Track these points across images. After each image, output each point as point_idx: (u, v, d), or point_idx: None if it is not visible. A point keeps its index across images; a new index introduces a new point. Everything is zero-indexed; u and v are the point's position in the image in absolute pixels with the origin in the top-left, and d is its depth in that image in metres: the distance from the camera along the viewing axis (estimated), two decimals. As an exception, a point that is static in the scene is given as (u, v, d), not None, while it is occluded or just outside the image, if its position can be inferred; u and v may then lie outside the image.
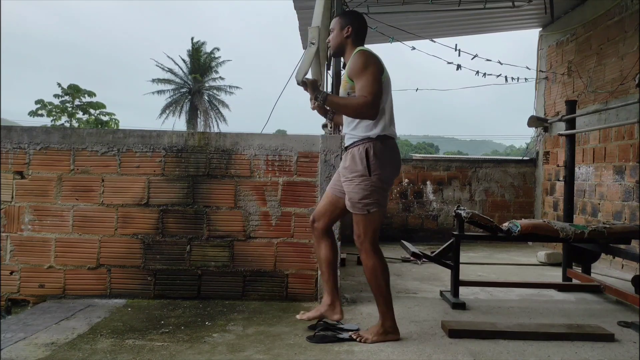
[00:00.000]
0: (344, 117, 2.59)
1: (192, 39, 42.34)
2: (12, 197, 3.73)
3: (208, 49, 42.18)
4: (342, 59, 4.45)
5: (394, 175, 2.63)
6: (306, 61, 2.32)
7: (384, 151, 2.45)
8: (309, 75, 2.44)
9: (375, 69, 2.28)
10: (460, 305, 3.66)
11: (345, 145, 2.63)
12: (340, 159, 3.96)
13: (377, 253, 2.68)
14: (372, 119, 2.31)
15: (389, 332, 2.78)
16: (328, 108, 2.57)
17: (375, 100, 2.23)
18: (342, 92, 2.57)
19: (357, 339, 2.76)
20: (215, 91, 42.15)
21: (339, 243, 3.71)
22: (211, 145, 3.78)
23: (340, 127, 2.62)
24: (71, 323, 3.15)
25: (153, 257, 3.73)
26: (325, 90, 2.89)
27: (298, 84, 2.31)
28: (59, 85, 28.57)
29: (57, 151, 3.75)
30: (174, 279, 3.74)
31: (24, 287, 3.71)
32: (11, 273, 3.71)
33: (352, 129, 2.49)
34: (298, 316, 3.04)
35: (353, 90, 2.40)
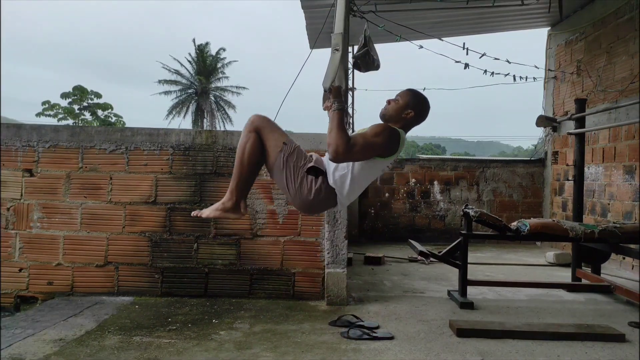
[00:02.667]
0: None
1: (193, 40, 42.51)
2: (21, 195, 3.75)
3: (213, 49, 42.30)
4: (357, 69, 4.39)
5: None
6: (332, 68, 2.29)
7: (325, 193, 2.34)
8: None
9: (384, 144, 2.17)
10: (468, 305, 3.63)
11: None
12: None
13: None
14: (331, 158, 2.18)
15: (228, 209, 2.40)
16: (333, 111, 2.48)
17: (352, 155, 2.13)
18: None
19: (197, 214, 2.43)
20: (221, 92, 42.34)
21: (345, 242, 3.70)
22: (218, 143, 3.79)
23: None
24: (79, 320, 3.16)
25: (160, 255, 3.74)
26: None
27: (325, 90, 2.27)
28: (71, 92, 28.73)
29: (65, 149, 3.77)
30: (181, 277, 3.74)
31: (32, 284, 3.73)
32: (20, 270, 3.74)
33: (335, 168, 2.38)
34: (192, 213, 2.49)
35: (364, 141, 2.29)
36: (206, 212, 2.35)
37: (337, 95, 2.25)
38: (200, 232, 3.76)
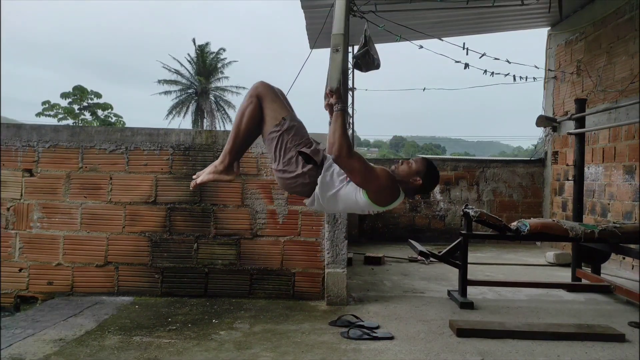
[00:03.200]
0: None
1: (193, 40, 42.43)
2: (21, 195, 3.75)
3: (213, 49, 42.25)
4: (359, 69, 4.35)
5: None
6: (335, 68, 2.30)
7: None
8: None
9: (380, 185, 2.14)
10: (468, 305, 3.63)
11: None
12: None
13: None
14: (334, 157, 2.16)
15: (221, 171, 2.39)
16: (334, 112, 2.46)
17: (351, 162, 2.08)
18: None
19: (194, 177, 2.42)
20: (221, 92, 42.32)
21: (345, 242, 3.70)
22: (218, 143, 3.79)
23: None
24: (79, 320, 3.16)
25: (160, 254, 3.74)
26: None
27: (331, 91, 2.27)
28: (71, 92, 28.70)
29: (65, 149, 3.77)
30: (181, 277, 3.74)
31: (32, 284, 3.73)
32: (20, 270, 3.74)
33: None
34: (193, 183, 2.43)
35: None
36: (200, 177, 2.34)
37: (340, 96, 2.26)
38: (200, 232, 3.76)
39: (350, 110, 7.05)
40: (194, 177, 2.37)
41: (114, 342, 2.77)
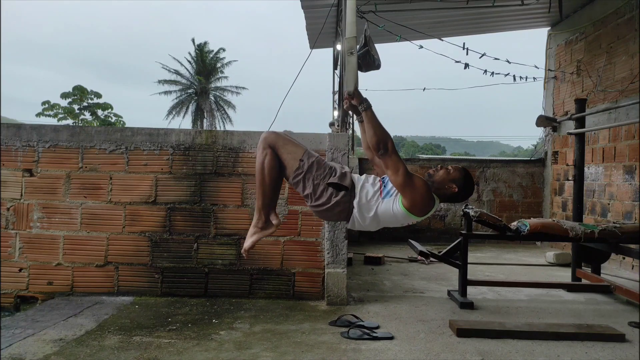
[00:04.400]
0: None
1: (193, 40, 42.41)
2: (21, 195, 3.75)
3: (212, 49, 42.21)
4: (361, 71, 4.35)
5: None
6: (352, 71, 2.32)
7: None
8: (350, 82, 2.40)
9: (418, 193, 2.15)
10: (468, 305, 3.63)
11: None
12: (348, 157, 3.95)
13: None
14: (382, 153, 2.15)
15: (263, 228, 2.41)
16: (360, 112, 2.42)
17: (393, 157, 2.10)
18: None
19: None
20: (221, 92, 42.31)
21: (345, 242, 3.70)
22: (218, 143, 3.79)
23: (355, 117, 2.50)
24: (79, 320, 3.16)
25: (160, 254, 3.74)
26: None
27: (349, 94, 2.28)
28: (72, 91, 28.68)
29: (65, 149, 3.77)
30: (181, 277, 3.74)
31: (32, 284, 3.73)
32: (20, 270, 3.74)
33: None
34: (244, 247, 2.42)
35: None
36: (247, 244, 2.36)
37: (360, 96, 2.27)
38: (200, 232, 3.76)
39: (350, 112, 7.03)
40: (244, 253, 2.37)
41: (114, 342, 2.76)
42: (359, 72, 5.80)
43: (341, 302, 3.62)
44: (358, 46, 5.56)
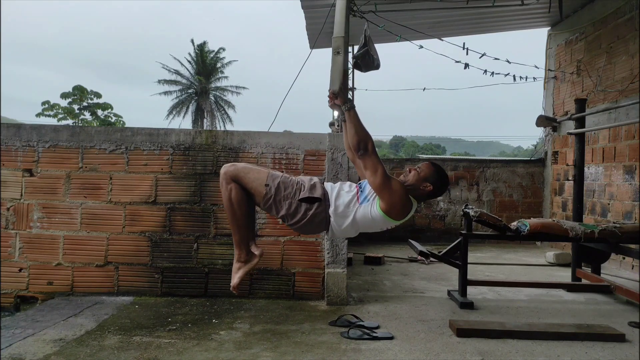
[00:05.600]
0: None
1: (192, 40, 42.43)
2: (21, 195, 3.75)
3: (212, 49, 42.23)
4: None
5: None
6: (337, 70, 2.32)
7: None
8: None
9: (396, 196, 2.14)
10: (468, 305, 3.63)
11: None
12: (348, 157, 3.95)
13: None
14: (361, 154, 2.15)
15: (246, 262, 2.43)
16: (344, 113, 2.43)
17: (372, 158, 2.10)
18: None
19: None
20: (221, 92, 42.31)
21: (345, 242, 3.70)
22: (218, 143, 3.79)
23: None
24: (79, 320, 3.16)
25: (160, 254, 3.74)
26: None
27: (334, 92, 2.28)
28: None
29: (65, 149, 3.77)
30: (181, 277, 3.74)
31: (32, 284, 3.73)
32: (20, 270, 3.73)
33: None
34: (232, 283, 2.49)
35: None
36: (235, 281, 2.38)
37: (343, 97, 2.27)
38: (200, 232, 3.76)
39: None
40: (233, 289, 2.40)
41: (114, 342, 2.76)
42: (359, 72, 5.81)
43: (341, 302, 3.62)
44: (358, 46, 5.56)
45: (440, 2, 5.43)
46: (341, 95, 2.26)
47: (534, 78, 7.14)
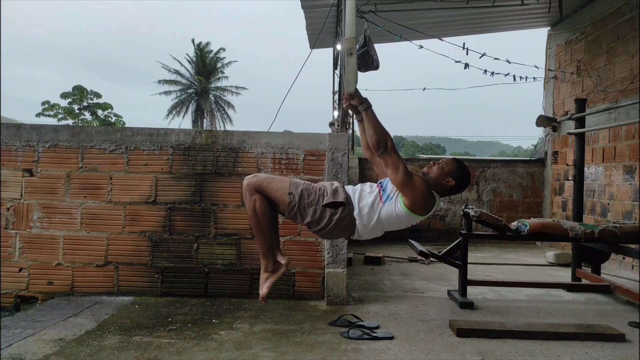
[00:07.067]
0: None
1: (192, 40, 42.44)
2: (21, 195, 3.75)
3: (213, 49, 42.21)
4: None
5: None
6: (352, 72, 2.33)
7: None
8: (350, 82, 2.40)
9: (418, 191, 2.15)
10: (468, 305, 3.63)
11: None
12: (348, 157, 3.95)
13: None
14: (382, 152, 2.14)
15: (273, 271, 2.51)
16: (360, 112, 2.41)
17: (392, 155, 2.10)
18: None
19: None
20: (221, 92, 42.31)
21: (345, 242, 3.70)
22: (218, 143, 3.79)
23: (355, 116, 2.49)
24: (79, 320, 3.16)
25: (160, 254, 3.74)
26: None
27: (350, 94, 2.29)
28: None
29: (65, 149, 3.77)
30: (181, 277, 3.74)
31: (32, 284, 3.73)
32: (20, 270, 3.73)
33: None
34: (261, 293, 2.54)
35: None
36: (263, 291, 2.43)
37: (360, 97, 2.28)
38: (200, 232, 3.76)
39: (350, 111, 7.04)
40: (261, 299, 2.45)
41: (114, 342, 2.77)
42: (359, 72, 5.81)
43: (341, 302, 3.62)
44: (357, 46, 5.56)
45: (440, 2, 5.43)
46: (357, 96, 2.27)
47: (534, 78, 7.15)
